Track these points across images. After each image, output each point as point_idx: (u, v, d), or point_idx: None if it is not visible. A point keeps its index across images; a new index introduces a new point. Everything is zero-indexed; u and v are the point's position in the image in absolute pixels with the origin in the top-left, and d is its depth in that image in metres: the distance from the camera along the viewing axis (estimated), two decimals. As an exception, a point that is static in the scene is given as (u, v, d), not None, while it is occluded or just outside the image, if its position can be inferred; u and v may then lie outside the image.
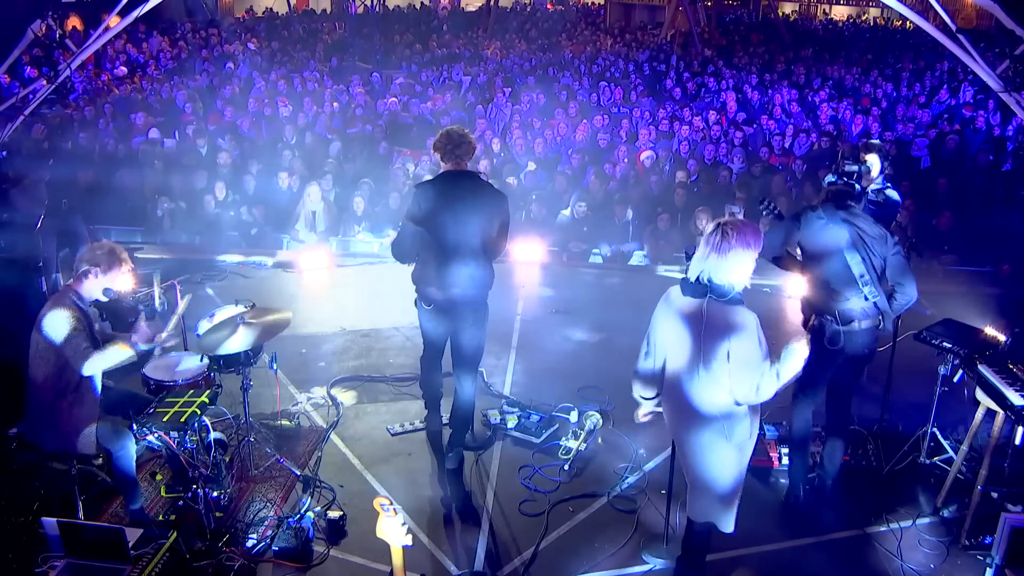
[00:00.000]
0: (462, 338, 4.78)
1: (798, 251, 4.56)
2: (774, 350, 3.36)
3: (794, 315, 7.37)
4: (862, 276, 4.12)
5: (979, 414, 4.39)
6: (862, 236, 4.17)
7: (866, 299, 4.17)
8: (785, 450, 4.98)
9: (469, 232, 4.46)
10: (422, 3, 26.92)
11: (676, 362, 3.50)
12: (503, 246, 4.70)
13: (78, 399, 4.03)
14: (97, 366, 3.98)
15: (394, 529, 3.05)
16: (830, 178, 5.81)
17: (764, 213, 4.89)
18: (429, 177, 5.23)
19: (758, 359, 3.30)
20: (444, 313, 4.69)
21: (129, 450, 4.20)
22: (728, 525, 3.64)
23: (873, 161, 5.61)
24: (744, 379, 3.30)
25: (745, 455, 3.54)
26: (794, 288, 7.65)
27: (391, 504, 3.06)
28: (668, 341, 3.52)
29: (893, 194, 5.65)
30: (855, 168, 5.63)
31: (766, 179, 9.38)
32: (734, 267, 3.27)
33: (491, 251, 4.63)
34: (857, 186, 5.68)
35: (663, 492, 4.42)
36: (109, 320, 6.41)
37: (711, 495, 3.58)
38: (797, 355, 3.24)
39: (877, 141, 5.83)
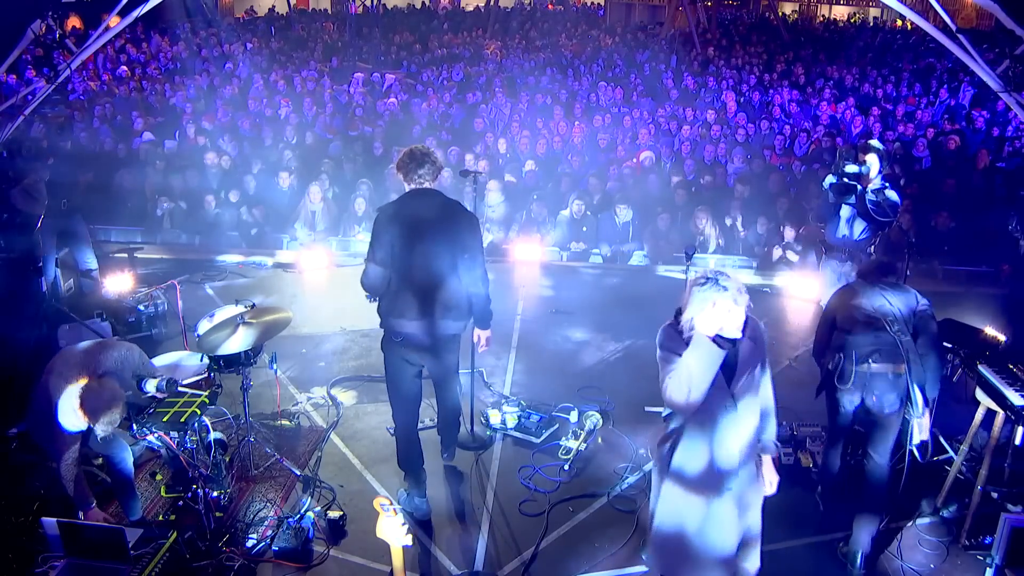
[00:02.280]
0: (441, 367, 4.48)
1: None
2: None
3: (794, 316, 7.40)
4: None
5: (979, 414, 4.39)
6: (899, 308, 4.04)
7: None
8: (787, 450, 4.99)
9: (437, 257, 4.11)
10: (422, 3, 26.92)
11: None
12: (479, 274, 4.27)
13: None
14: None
15: (394, 529, 3.04)
16: (830, 179, 5.84)
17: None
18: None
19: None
20: (415, 349, 4.31)
21: (126, 456, 4.21)
22: None
23: (872, 162, 5.63)
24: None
25: (668, 499, 3.33)
26: (799, 289, 7.66)
27: (391, 504, 3.06)
28: None
29: (892, 195, 5.65)
30: (855, 169, 5.65)
31: (765, 178, 9.38)
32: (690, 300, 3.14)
33: (463, 279, 4.23)
34: (858, 186, 5.71)
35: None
36: (109, 320, 6.44)
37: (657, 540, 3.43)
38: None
39: (876, 142, 5.83)
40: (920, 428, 4.02)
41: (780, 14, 25.46)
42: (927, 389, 3.98)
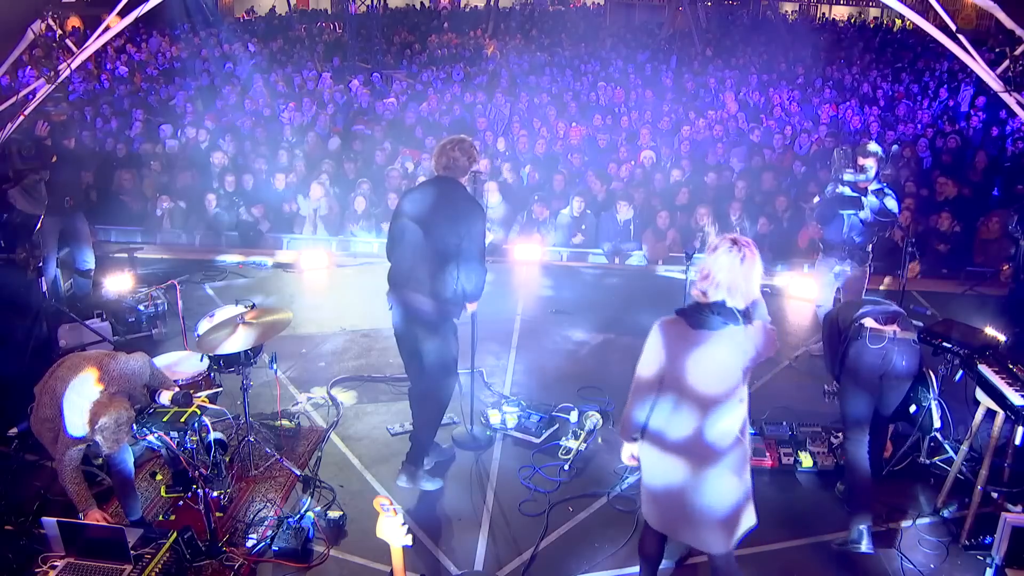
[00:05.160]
0: (405, 348, 4.68)
1: None
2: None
3: (794, 316, 7.40)
4: None
5: (979, 414, 4.39)
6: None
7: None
8: (787, 450, 4.98)
9: (422, 239, 4.31)
10: (422, 3, 26.94)
11: (698, 393, 3.17)
12: (473, 265, 4.37)
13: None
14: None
15: (394, 529, 3.04)
16: (830, 187, 5.86)
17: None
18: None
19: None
20: (401, 320, 4.57)
21: (127, 456, 4.21)
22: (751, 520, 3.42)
23: (870, 165, 5.64)
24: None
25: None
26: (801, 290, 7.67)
27: (391, 504, 3.06)
28: (694, 373, 3.17)
29: (891, 202, 5.66)
30: (852, 178, 5.66)
31: (765, 178, 9.38)
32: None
33: (451, 271, 4.34)
34: (860, 196, 5.72)
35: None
36: (109, 320, 6.44)
37: (730, 522, 3.33)
38: None
39: (875, 145, 5.83)
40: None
41: (780, 14, 25.49)
42: None
